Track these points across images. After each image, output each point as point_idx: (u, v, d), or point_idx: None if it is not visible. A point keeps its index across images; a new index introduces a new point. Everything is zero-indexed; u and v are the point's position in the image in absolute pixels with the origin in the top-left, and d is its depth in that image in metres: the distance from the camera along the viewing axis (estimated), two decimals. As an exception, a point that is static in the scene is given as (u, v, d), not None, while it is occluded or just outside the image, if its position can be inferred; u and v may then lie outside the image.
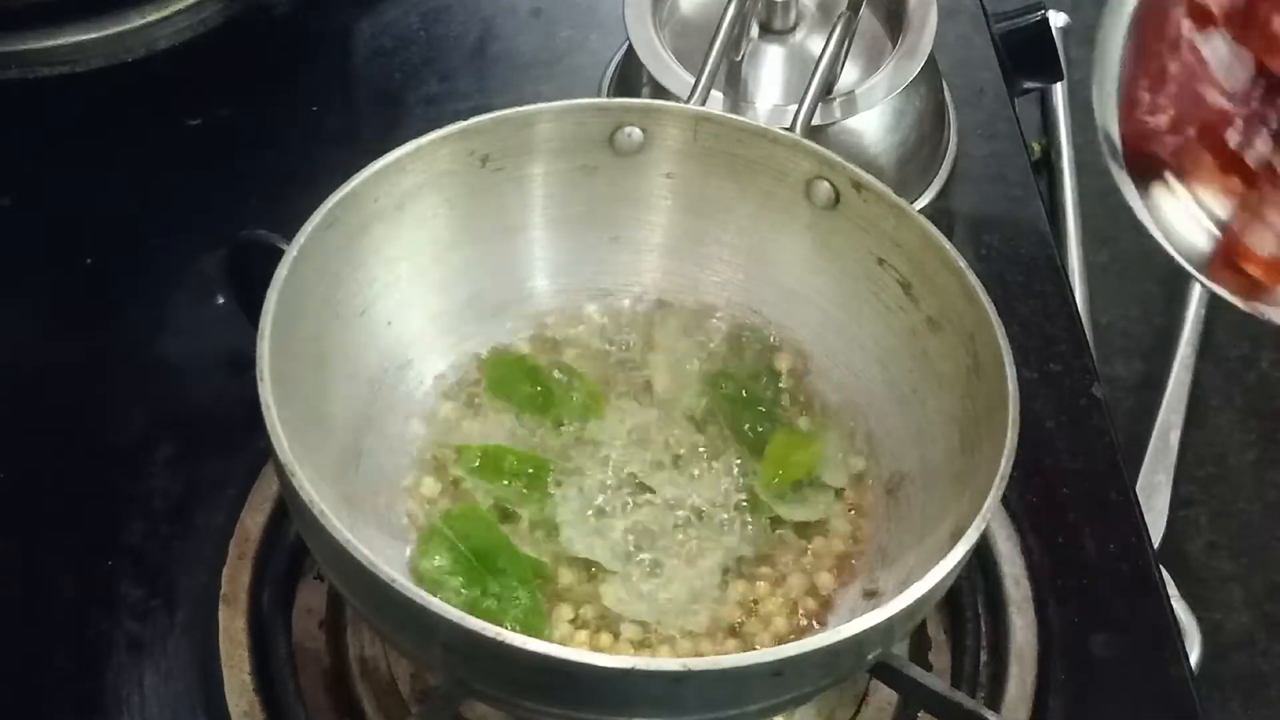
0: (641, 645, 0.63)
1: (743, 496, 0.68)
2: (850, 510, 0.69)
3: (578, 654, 0.53)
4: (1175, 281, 0.96)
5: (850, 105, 0.84)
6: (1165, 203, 0.64)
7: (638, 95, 0.87)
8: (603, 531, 0.66)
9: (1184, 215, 0.64)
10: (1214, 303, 0.94)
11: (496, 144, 0.70)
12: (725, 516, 0.67)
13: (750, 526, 0.67)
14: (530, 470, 0.67)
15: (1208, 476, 0.88)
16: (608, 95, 0.94)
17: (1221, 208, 0.62)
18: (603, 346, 0.73)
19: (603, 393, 0.71)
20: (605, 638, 0.64)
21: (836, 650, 0.54)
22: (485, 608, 0.62)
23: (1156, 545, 0.81)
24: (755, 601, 0.65)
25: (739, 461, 0.69)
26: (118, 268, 0.87)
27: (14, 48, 0.92)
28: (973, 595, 0.73)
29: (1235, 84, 0.60)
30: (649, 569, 0.65)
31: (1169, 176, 0.63)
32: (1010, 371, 0.62)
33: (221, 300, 0.78)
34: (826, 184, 0.70)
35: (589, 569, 0.65)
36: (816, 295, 0.72)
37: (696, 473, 0.68)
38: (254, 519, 0.74)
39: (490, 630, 0.52)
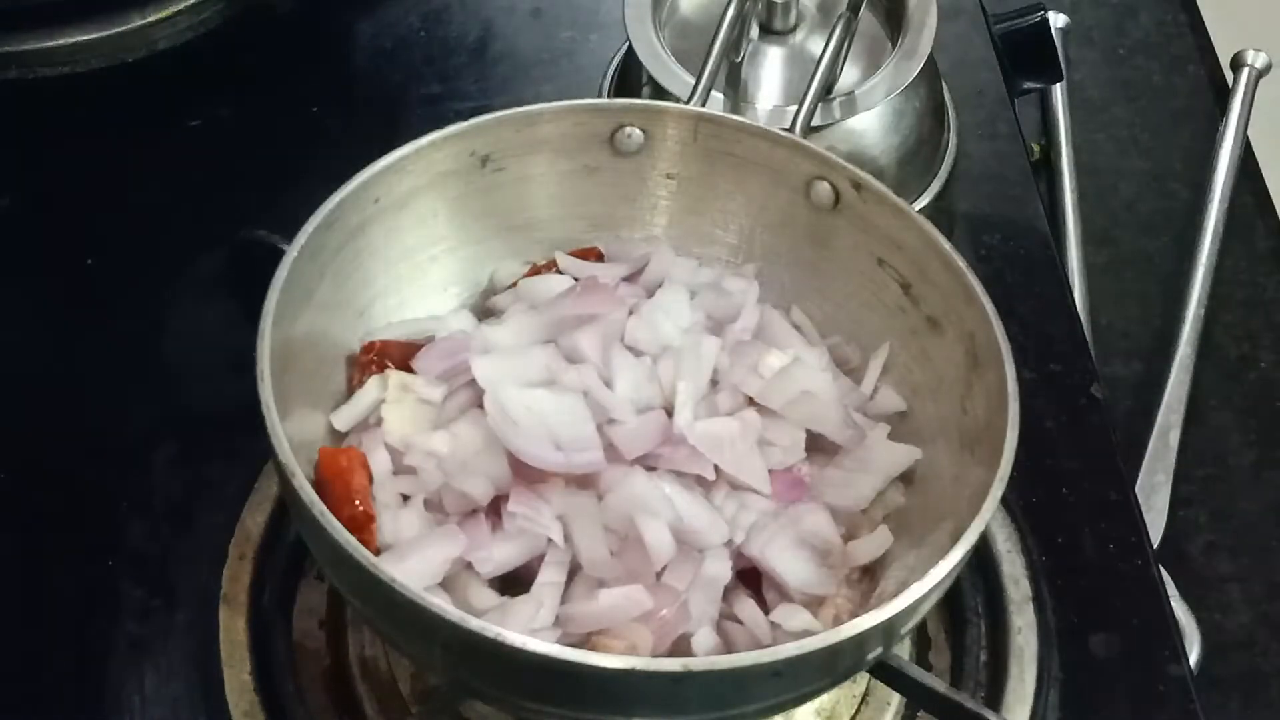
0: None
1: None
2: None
3: (578, 654, 0.53)
4: (1175, 281, 0.96)
5: (850, 105, 0.84)
6: None
7: (638, 95, 0.87)
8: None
9: None
10: (1214, 303, 0.94)
11: (496, 144, 0.70)
12: None
13: None
14: None
15: (1207, 476, 0.88)
16: (608, 95, 0.94)
17: None
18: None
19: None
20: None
21: (836, 650, 0.54)
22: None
23: (1156, 545, 0.81)
24: None
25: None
26: (118, 268, 0.87)
27: (14, 48, 0.92)
28: (973, 595, 0.73)
29: None
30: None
31: None
32: (1010, 371, 0.62)
33: (221, 300, 0.78)
34: (826, 184, 0.70)
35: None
36: (816, 295, 0.72)
37: None
38: (254, 519, 0.74)
39: (490, 630, 0.52)
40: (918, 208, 0.73)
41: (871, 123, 0.86)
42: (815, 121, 0.76)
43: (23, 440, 0.80)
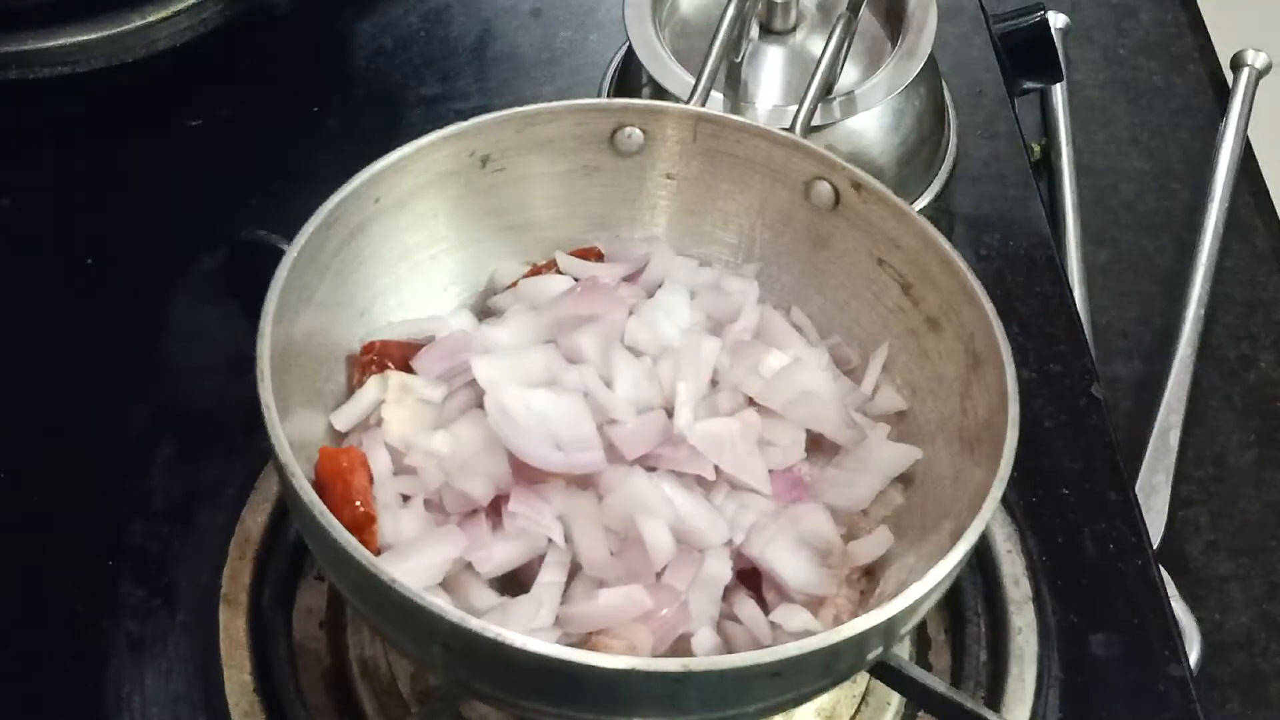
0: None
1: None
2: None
3: (578, 654, 0.53)
4: (1175, 281, 0.96)
5: (850, 105, 0.84)
6: None
7: (638, 95, 0.87)
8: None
9: None
10: (1214, 303, 0.94)
11: (496, 144, 0.70)
12: None
13: None
14: None
15: (1207, 476, 0.88)
16: (608, 95, 0.94)
17: None
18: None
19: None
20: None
21: (836, 650, 0.54)
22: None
23: (1156, 545, 0.81)
24: None
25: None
26: (118, 268, 0.87)
27: (14, 48, 0.92)
28: (973, 595, 0.73)
29: None
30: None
31: None
32: (1010, 371, 0.62)
33: (221, 300, 0.78)
34: (826, 184, 0.70)
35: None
36: (816, 295, 0.72)
37: None
38: (254, 519, 0.74)
39: (490, 630, 0.52)
40: (918, 208, 0.73)
41: (871, 123, 0.86)
42: (815, 121, 0.76)
43: (23, 440, 0.80)
